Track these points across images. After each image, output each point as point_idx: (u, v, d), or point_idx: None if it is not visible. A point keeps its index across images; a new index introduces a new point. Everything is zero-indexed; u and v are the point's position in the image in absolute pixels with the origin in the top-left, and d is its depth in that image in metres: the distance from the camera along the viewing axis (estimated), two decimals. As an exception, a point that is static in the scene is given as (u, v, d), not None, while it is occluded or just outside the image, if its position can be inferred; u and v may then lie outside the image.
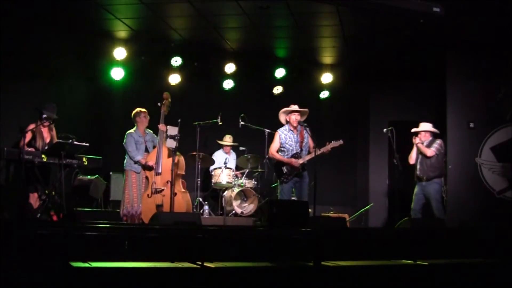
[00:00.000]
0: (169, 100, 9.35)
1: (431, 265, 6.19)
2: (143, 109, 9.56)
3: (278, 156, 9.22)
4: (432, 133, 9.80)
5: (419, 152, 9.69)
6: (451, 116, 10.74)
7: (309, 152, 9.21)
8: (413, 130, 9.81)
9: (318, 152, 8.86)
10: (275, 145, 9.29)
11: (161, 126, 9.21)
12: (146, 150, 9.39)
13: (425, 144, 9.67)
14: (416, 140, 9.72)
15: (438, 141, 9.70)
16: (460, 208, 10.32)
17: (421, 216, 9.51)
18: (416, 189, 9.67)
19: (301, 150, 9.16)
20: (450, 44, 10.79)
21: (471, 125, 10.62)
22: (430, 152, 9.56)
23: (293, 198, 9.40)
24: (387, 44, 11.06)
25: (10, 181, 9.24)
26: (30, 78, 10.38)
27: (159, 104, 9.28)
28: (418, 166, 9.67)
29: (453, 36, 10.34)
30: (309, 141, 9.27)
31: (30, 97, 10.23)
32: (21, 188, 8.73)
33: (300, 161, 9.07)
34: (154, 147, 9.41)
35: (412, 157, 9.78)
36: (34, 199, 9.02)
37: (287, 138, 9.20)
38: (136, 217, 9.12)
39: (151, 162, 9.11)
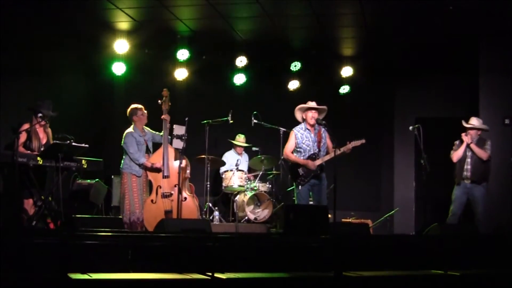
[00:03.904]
0: (168, 97, 9.33)
1: (464, 276, 6.15)
2: (139, 105, 9.45)
3: (293, 157, 9.20)
4: (481, 130, 9.66)
5: (470, 151, 9.52)
6: (484, 112, 10.67)
7: (327, 153, 9.18)
8: (468, 126, 9.60)
9: (338, 152, 8.83)
10: (290, 145, 9.26)
11: (165, 116, 9.18)
12: (148, 151, 9.37)
13: (473, 142, 9.53)
14: (469, 138, 9.53)
15: (489, 142, 9.55)
16: (496, 213, 10.25)
17: (457, 222, 9.42)
18: (457, 191, 9.54)
19: (319, 150, 9.13)
20: (483, 34, 10.73)
21: (507, 121, 10.54)
22: (486, 155, 9.42)
23: (310, 202, 9.38)
24: (414, 34, 11.02)
25: (3, 187, 9.26)
26: (23, 74, 10.42)
27: (159, 101, 9.28)
28: (467, 167, 9.51)
29: (486, 24, 10.28)
30: (327, 141, 9.24)
31: (23, 94, 10.27)
32: (15, 193, 8.75)
33: (317, 162, 9.03)
34: (159, 145, 9.38)
35: (459, 155, 9.58)
36: (29, 206, 9.02)
37: (304, 138, 9.17)
38: (139, 225, 9.11)
39: (159, 164, 9.10)
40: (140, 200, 9.18)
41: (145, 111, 9.44)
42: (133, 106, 9.44)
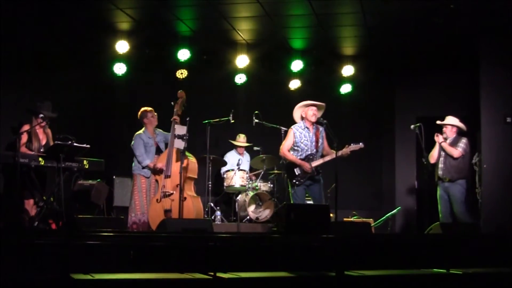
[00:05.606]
0: (184, 98, 9.35)
1: (465, 275, 6.15)
2: (149, 108, 9.55)
3: (291, 156, 9.12)
4: (458, 129, 9.71)
5: (442, 150, 9.59)
6: (486, 110, 10.65)
7: (322, 155, 9.13)
8: (439, 122, 9.67)
9: (339, 154, 8.79)
10: (287, 143, 9.18)
11: (176, 117, 9.18)
12: (158, 152, 9.40)
13: (448, 141, 9.57)
14: (440, 138, 9.61)
15: (464, 140, 9.59)
16: (497, 211, 10.22)
17: (451, 220, 9.44)
18: (439, 191, 9.62)
19: (316, 151, 9.07)
20: (484, 32, 10.71)
21: (508, 119, 10.51)
22: (457, 152, 9.45)
23: (308, 201, 9.36)
24: (414, 33, 11.01)
25: (5, 187, 9.27)
26: (23, 74, 10.41)
27: (172, 103, 9.29)
28: (440, 166, 9.59)
29: (486, 22, 10.27)
30: (324, 142, 9.19)
31: (24, 94, 10.26)
32: (16, 194, 8.75)
33: (314, 163, 8.97)
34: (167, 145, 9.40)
35: (434, 156, 9.69)
36: (30, 206, 9.04)
37: (302, 137, 9.10)
38: (147, 225, 9.15)
39: (160, 164, 9.11)
40: (148, 201, 9.25)
41: (155, 113, 9.50)
42: (143, 109, 9.53)
